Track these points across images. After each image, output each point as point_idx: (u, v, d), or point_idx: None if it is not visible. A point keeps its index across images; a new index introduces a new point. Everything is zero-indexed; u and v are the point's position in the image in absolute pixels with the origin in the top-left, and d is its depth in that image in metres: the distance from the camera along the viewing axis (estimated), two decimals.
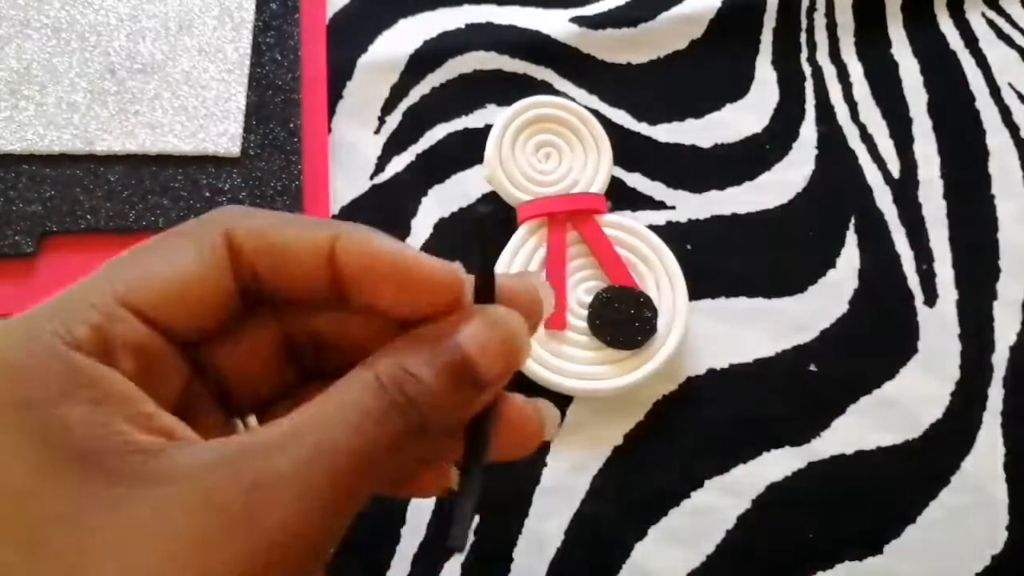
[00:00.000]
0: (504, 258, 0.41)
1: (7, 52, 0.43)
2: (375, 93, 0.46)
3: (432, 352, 0.20)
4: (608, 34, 0.48)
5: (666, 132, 0.47)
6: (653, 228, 0.43)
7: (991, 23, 0.50)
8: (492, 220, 0.21)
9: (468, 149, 0.45)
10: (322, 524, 0.18)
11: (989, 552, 0.38)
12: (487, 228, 0.21)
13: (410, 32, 0.48)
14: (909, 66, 0.49)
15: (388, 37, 0.48)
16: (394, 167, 0.45)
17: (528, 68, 0.47)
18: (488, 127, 0.43)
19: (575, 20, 0.48)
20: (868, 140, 0.47)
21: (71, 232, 0.40)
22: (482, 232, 0.21)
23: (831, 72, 0.49)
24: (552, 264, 0.41)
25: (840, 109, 0.48)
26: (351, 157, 0.45)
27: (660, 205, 0.45)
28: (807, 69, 0.49)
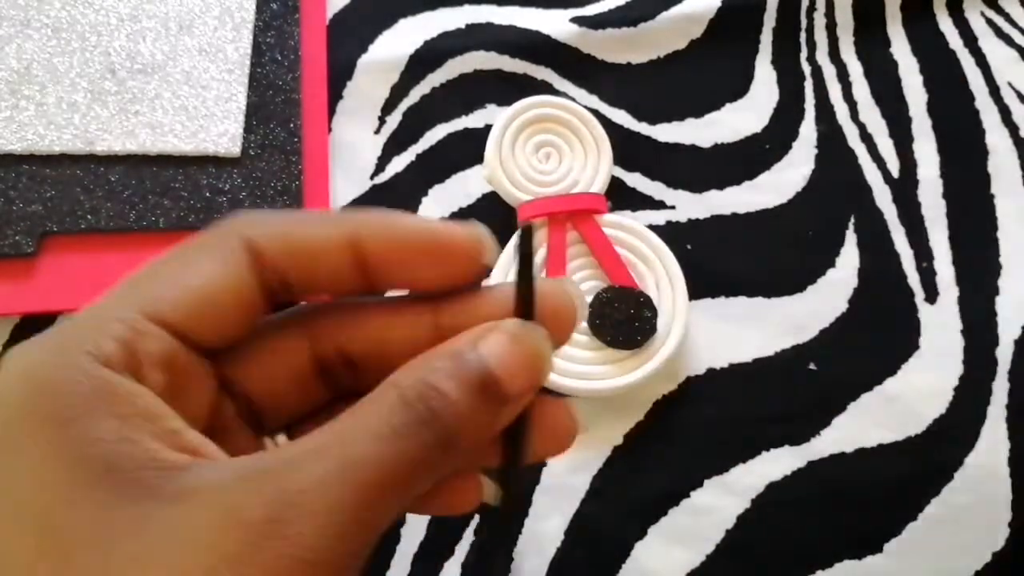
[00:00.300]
0: (504, 258, 0.41)
1: (7, 52, 0.43)
2: (375, 93, 0.46)
3: (455, 366, 0.20)
4: (608, 34, 0.48)
5: (666, 132, 0.47)
6: (653, 228, 0.43)
7: (990, 22, 0.50)
8: (531, 238, 0.22)
9: (468, 149, 0.45)
10: (348, 540, 0.18)
11: (990, 550, 0.38)
12: (529, 245, 0.21)
13: (410, 32, 0.48)
14: (909, 65, 0.49)
15: (388, 37, 0.48)
16: (394, 167, 0.45)
17: (528, 68, 0.47)
18: (488, 127, 0.43)
19: (575, 20, 0.48)
20: (868, 139, 0.47)
21: (71, 232, 0.41)
22: (527, 249, 0.21)
23: (831, 72, 0.49)
24: (552, 264, 0.41)
25: (840, 108, 0.48)
26: (351, 157, 0.45)
27: (660, 205, 0.45)
28: (807, 69, 0.49)
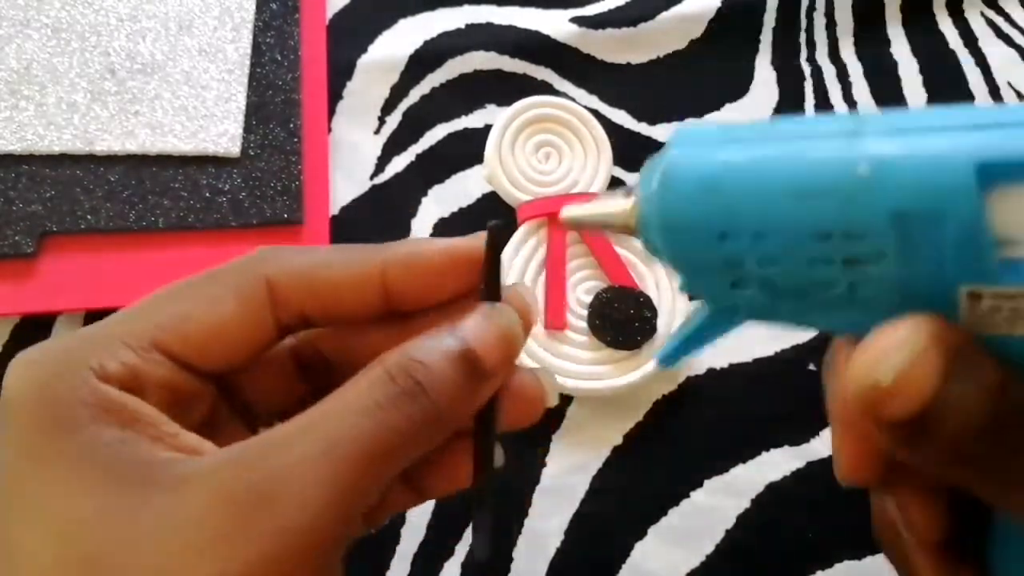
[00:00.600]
0: (505, 257, 0.41)
1: (7, 52, 0.43)
2: (375, 93, 0.46)
3: (436, 341, 0.21)
4: (608, 34, 0.48)
5: (666, 132, 0.47)
6: None
7: (990, 22, 0.50)
8: (506, 235, 0.23)
9: (468, 149, 0.45)
10: (337, 513, 0.18)
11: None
12: (501, 240, 0.23)
13: (410, 32, 0.48)
14: (908, 65, 0.49)
15: (388, 37, 0.48)
16: (394, 167, 0.45)
17: (528, 68, 0.47)
18: (488, 127, 0.43)
19: (575, 20, 0.48)
20: None
21: (71, 232, 0.40)
22: (495, 243, 0.23)
23: (831, 72, 0.49)
24: (552, 264, 0.41)
25: (840, 109, 0.48)
26: (351, 157, 0.45)
27: None
28: (807, 69, 0.49)
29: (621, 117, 0.47)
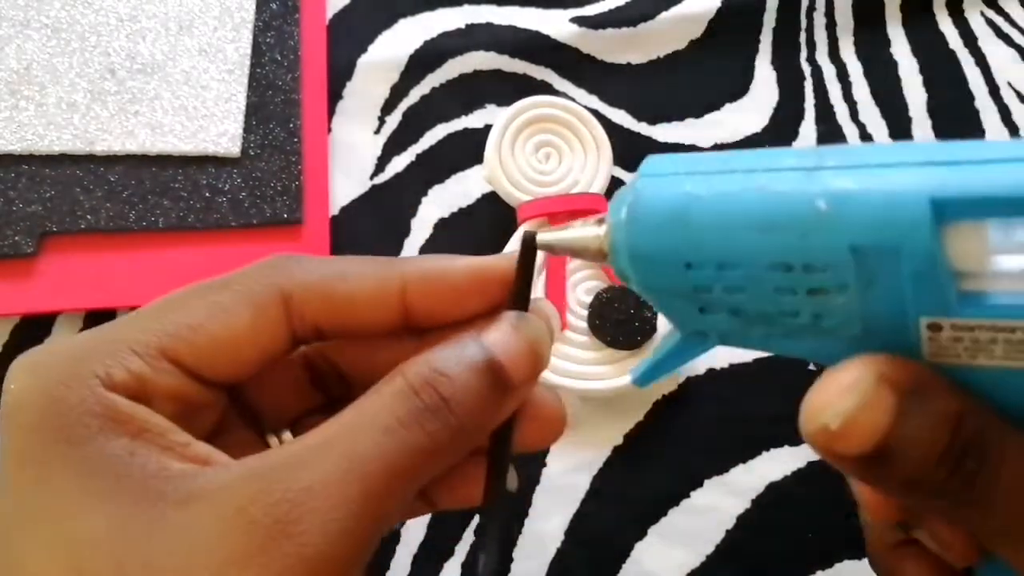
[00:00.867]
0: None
1: (7, 52, 0.43)
2: (375, 93, 0.46)
3: (460, 352, 0.20)
4: (608, 34, 0.48)
5: (666, 132, 0.47)
6: None
7: (990, 22, 0.50)
8: (534, 238, 0.23)
9: (468, 149, 0.45)
10: (355, 536, 0.18)
11: None
12: (535, 248, 0.22)
13: (410, 32, 0.48)
14: (908, 65, 0.49)
15: (388, 37, 0.48)
16: (394, 167, 0.45)
17: (528, 68, 0.47)
18: (488, 127, 0.43)
19: (575, 20, 0.48)
20: (868, 139, 0.47)
21: (71, 232, 0.40)
22: (530, 250, 0.22)
23: (831, 72, 0.49)
24: (552, 264, 0.41)
25: (840, 108, 0.48)
26: (351, 157, 0.45)
27: None
28: (807, 69, 0.49)
29: (621, 117, 0.47)
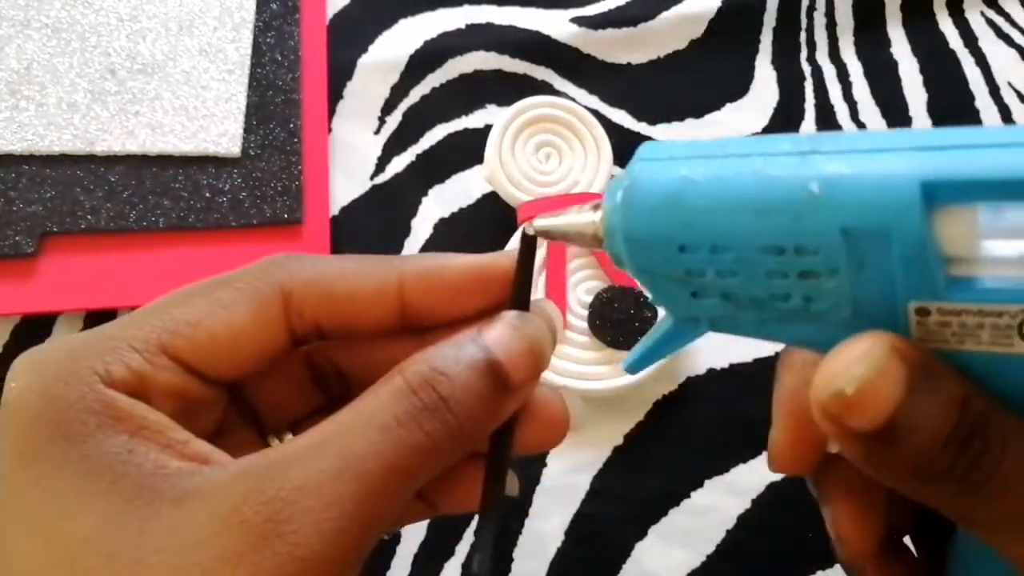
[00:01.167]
0: None
1: (8, 52, 0.44)
2: (375, 93, 0.46)
3: (460, 351, 0.20)
4: (608, 34, 0.48)
5: (666, 132, 0.47)
6: None
7: (990, 22, 0.50)
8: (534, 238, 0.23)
9: (468, 149, 0.45)
10: (349, 536, 0.18)
11: None
12: (534, 247, 0.22)
13: (410, 32, 0.48)
14: (909, 66, 0.49)
15: (388, 37, 0.48)
16: (394, 167, 0.45)
17: (528, 68, 0.47)
18: (488, 127, 0.43)
19: (575, 20, 0.48)
20: None
21: (71, 232, 0.41)
22: (530, 248, 0.22)
23: (831, 72, 0.49)
24: (552, 264, 0.41)
25: (840, 108, 0.48)
26: (351, 157, 0.45)
27: None
28: (807, 69, 0.49)
29: (621, 117, 0.47)
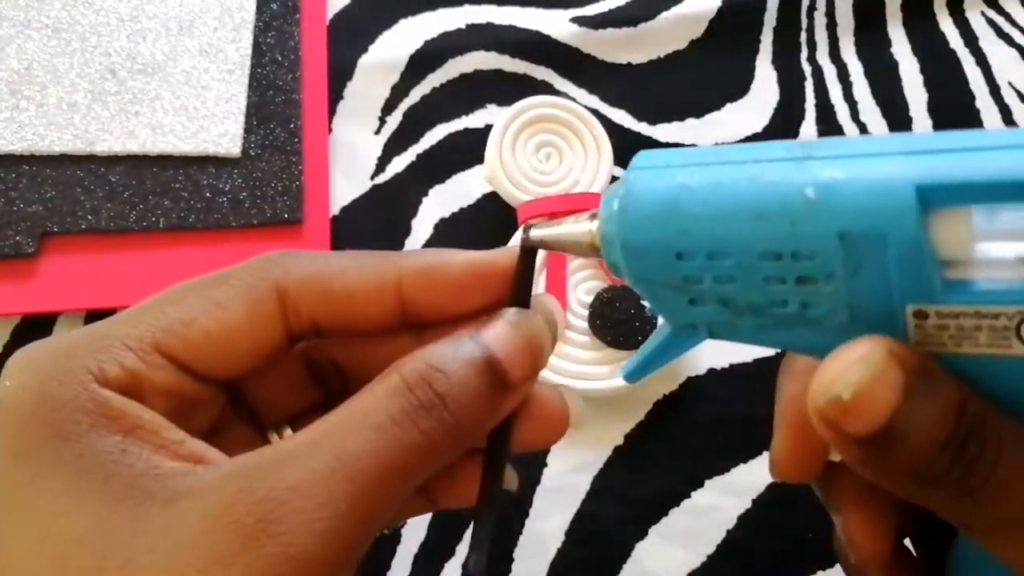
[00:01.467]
0: None
1: (8, 52, 0.44)
2: (375, 93, 0.46)
3: (458, 349, 0.20)
4: (608, 34, 0.48)
5: (666, 132, 0.47)
6: None
7: (991, 22, 0.50)
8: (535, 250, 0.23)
9: (468, 149, 0.45)
10: (342, 537, 0.17)
11: None
12: (535, 249, 0.22)
13: (410, 32, 0.48)
14: (909, 65, 0.49)
15: (388, 37, 0.48)
16: (394, 167, 0.45)
17: (528, 68, 0.47)
18: (488, 127, 0.43)
19: (575, 20, 0.48)
20: None
21: (72, 232, 0.41)
22: (531, 247, 0.22)
23: (831, 72, 0.49)
24: (552, 264, 0.41)
25: (840, 108, 0.48)
26: (351, 157, 0.45)
27: None
28: (807, 69, 0.49)
29: (621, 117, 0.47)
